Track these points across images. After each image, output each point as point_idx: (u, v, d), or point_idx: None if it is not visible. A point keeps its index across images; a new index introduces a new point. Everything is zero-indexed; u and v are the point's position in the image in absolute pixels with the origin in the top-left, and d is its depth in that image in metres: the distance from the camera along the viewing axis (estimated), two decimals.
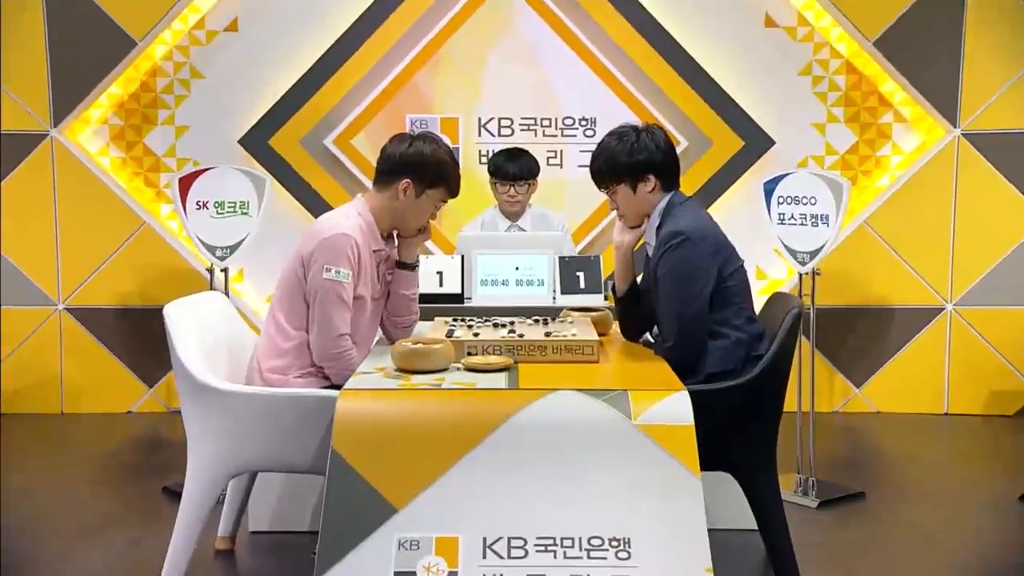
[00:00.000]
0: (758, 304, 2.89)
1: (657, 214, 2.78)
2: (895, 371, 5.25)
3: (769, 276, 5.21)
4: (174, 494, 3.61)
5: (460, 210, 5.18)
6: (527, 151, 4.38)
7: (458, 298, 3.73)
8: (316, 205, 5.17)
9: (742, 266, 2.76)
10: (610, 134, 2.83)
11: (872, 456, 4.51)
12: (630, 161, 2.75)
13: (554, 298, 3.74)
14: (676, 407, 2.20)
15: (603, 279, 3.75)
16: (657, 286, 2.72)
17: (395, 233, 2.89)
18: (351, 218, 2.72)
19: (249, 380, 2.75)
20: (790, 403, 2.85)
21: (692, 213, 2.74)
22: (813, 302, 3.98)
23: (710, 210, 5.13)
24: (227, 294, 3.76)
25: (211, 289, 3.82)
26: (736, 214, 5.15)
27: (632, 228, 2.84)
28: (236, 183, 3.88)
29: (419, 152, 2.76)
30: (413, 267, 2.94)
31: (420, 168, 2.75)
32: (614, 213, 2.89)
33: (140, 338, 5.13)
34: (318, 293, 2.65)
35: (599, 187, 2.85)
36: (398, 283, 2.93)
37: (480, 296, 3.73)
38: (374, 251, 2.75)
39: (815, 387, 4.41)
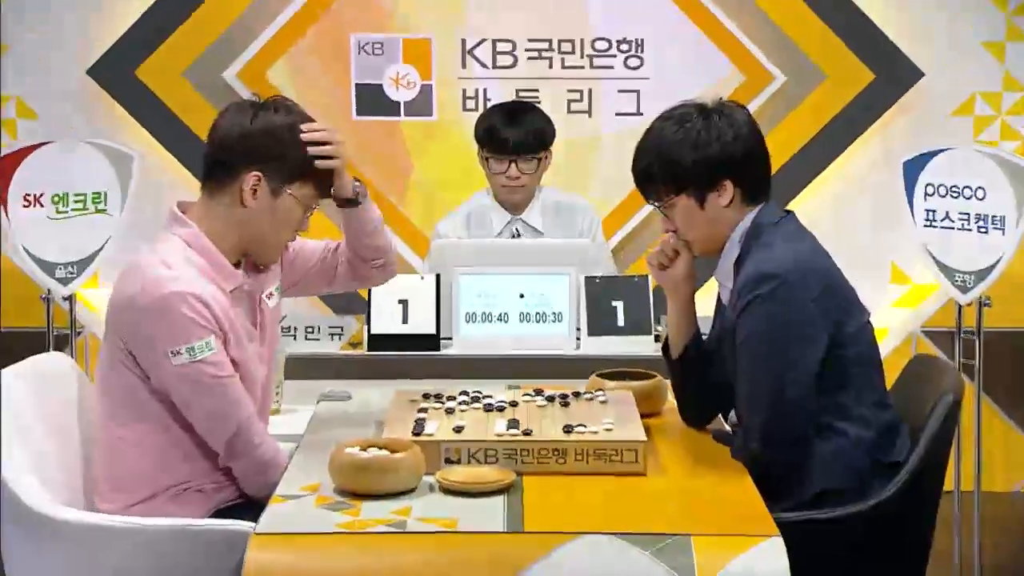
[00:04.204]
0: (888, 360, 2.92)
1: (736, 241, 2.79)
2: None
3: (912, 279, 5.24)
4: None
5: (436, 191, 5.20)
6: (534, 106, 4.39)
7: (432, 341, 3.76)
8: None
9: (867, 323, 2.77)
10: (664, 117, 2.83)
11: None
12: (696, 159, 2.76)
13: (578, 342, 3.77)
14: (766, 563, 2.22)
15: (652, 312, 3.78)
16: (735, 352, 2.75)
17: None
18: (173, 257, 2.69)
19: (91, 509, 2.77)
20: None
21: (790, 241, 2.75)
22: (980, 343, 4.01)
23: (819, 180, 5.20)
24: (74, 333, 3.81)
25: (49, 324, 3.85)
26: (860, 188, 5.17)
27: (679, 258, 2.87)
28: (87, 165, 3.91)
29: (269, 126, 2.72)
30: (356, 202, 2.93)
31: (274, 151, 2.72)
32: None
33: None
34: (179, 389, 2.67)
35: (647, 198, 2.86)
36: (351, 223, 2.95)
37: (464, 339, 3.76)
38: (230, 292, 2.75)
39: (982, 455, 4.46)
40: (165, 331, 2.63)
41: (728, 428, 3.00)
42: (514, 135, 4.20)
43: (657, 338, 3.75)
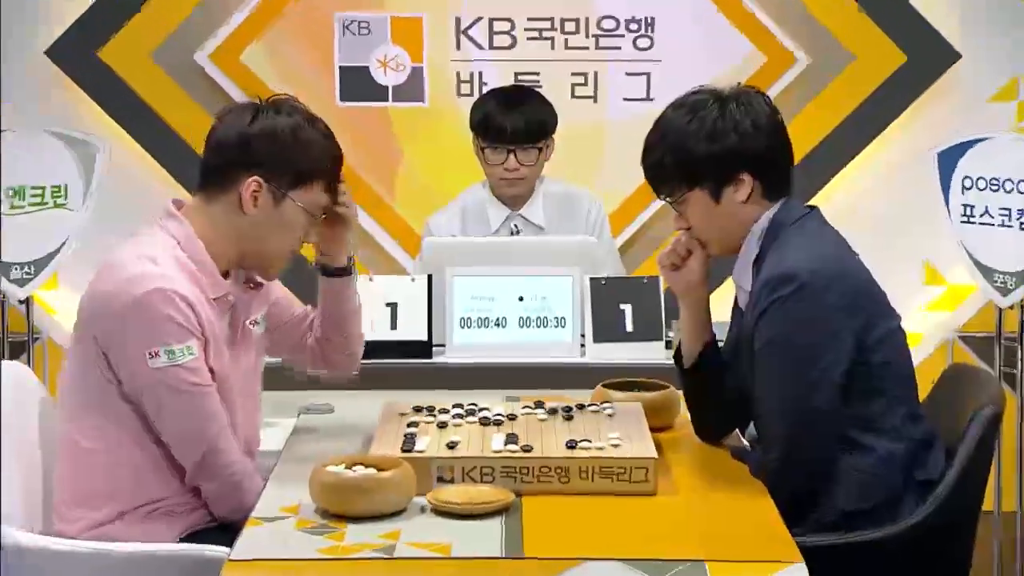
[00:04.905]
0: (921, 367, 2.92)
1: (755, 239, 2.81)
2: None
3: (948, 281, 5.25)
4: None
5: (428, 183, 5.20)
6: (534, 91, 4.40)
7: (423, 348, 3.78)
8: (186, 165, 5.18)
9: (898, 328, 2.78)
10: (677, 105, 2.84)
11: None
12: (712, 150, 2.77)
13: (582, 350, 3.79)
14: None
15: (664, 316, 3.79)
16: (754, 360, 2.75)
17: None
18: (161, 253, 2.72)
19: (49, 531, 2.77)
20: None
21: (813, 239, 2.76)
22: (1022, 350, 4.00)
23: (845, 173, 5.22)
24: (31, 339, 3.81)
25: (4, 330, 3.85)
26: (890, 181, 5.17)
27: (692, 257, 2.88)
28: (46, 155, 3.91)
29: (271, 129, 2.75)
30: (347, 271, 2.99)
31: (276, 155, 2.75)
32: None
33: None
34: (153, 395, 2.68)
35: (659, 193, 2.87)
36: (332, 298, 3.01)
37: (458, 346, 3.78)
38: (214, 300, 2.77)
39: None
40: (145, 330, 2.64)
41: (746, 443, 3.01)
42: (512, 123, 4.20)
43: (669, 345, 3.76)
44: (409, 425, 2.83)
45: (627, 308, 3.78)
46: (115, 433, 2.73)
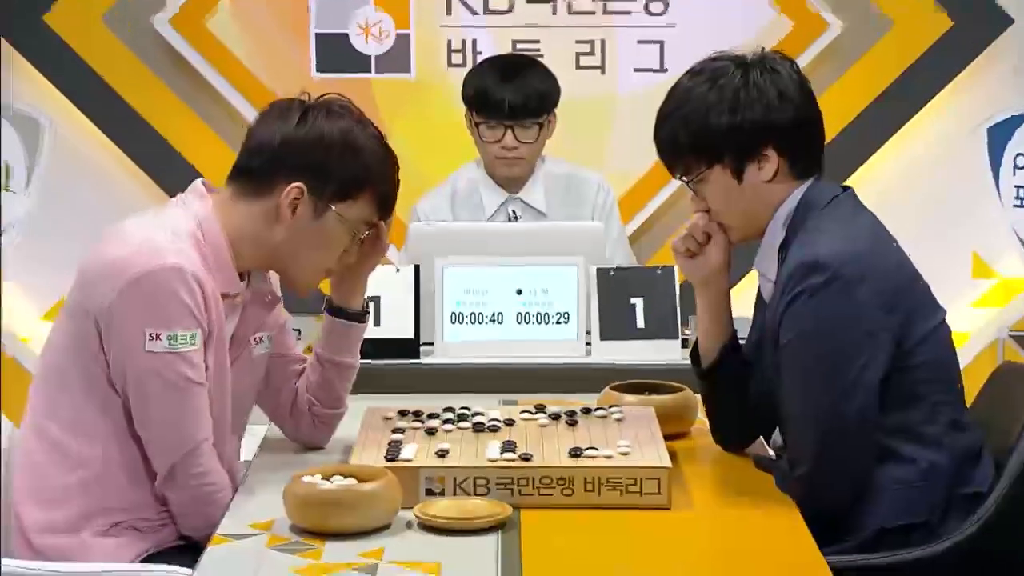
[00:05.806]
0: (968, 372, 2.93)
1: (781, 223, 2.81)
2: None
3: (998, 273, 5.26)
4: None
5: (415, 163, 5.16)
6: (534, 61, 4.41)
7: (410, 347, 3.79)
8: (142, 143, 5.21)
9: (942, 324, 2.78)
10: (694, 72, 2.84)
11: None
12: (733, 123, 2.77)
13: (588, 348, 3.80)
14: None
15: (679, 311, 3.80)
16: (779, 359, 2.76)
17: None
18: (178, 230, 2.74)
19: (4, 545, 2.76)
20: None
21: (846, 223, 2.76)
22: None
23: (884, 151, 5.23)
24: None
25: None
26: (934, 161, 5.18)
27: (711, 243, 2.88)
28: None
29: (319, 133, 2.79)
30: (362, 316, 3.02)
31: (322, 161, 2.78)
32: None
33: None
34: (143, 382, 2.69)
35: (674, 172, 2.87)
36: (332, 344, 3.02)
37: (450, 345, 3.79)
38: (224, 296, 2.79)
39: None
40: (152, 307, 2.65)
41: (771, 452, 3.02)
42: (510, 96, 4.21)
43: (685, 343, 3.77)
44: (394, 431, 2.83)
45: (638, 302, 3.80)
46: (102, 425, 2.74)
